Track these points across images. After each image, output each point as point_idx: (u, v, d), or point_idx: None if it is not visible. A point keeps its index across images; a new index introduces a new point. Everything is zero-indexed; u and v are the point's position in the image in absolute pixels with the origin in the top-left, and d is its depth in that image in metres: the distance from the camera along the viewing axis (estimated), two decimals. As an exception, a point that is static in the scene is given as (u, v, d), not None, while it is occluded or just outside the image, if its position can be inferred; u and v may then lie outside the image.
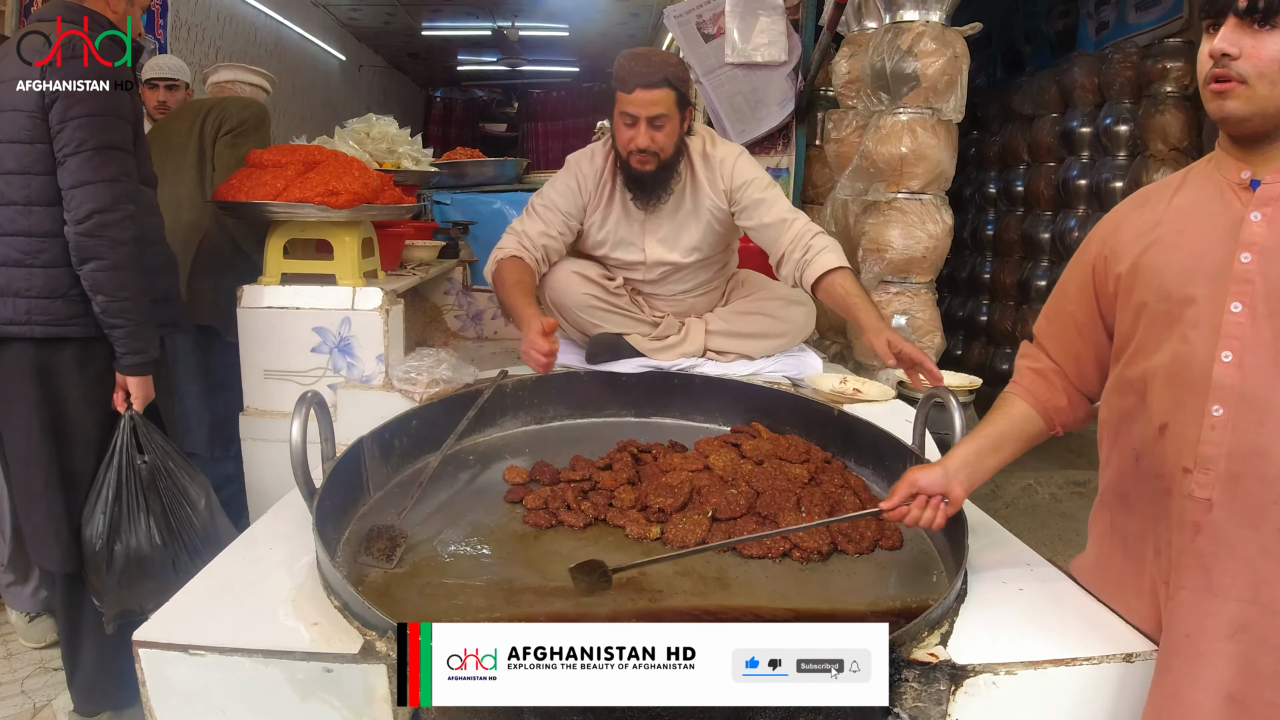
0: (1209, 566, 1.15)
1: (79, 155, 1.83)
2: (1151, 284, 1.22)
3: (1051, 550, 3.60)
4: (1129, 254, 1.27)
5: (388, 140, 2.80)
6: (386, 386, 2.19)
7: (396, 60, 9.90)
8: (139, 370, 1.94)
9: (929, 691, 1.16)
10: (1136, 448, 1.27)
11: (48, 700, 2.42)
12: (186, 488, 2.01)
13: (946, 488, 1.40)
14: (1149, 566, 1.26)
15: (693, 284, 2.56)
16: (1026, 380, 1.47)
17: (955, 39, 2.75)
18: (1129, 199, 1.36)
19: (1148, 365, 1.23)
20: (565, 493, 1.73)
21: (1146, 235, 1.26)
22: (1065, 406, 1.44)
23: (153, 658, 1.17)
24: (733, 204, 2.36)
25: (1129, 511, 1.31)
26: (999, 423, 1.46)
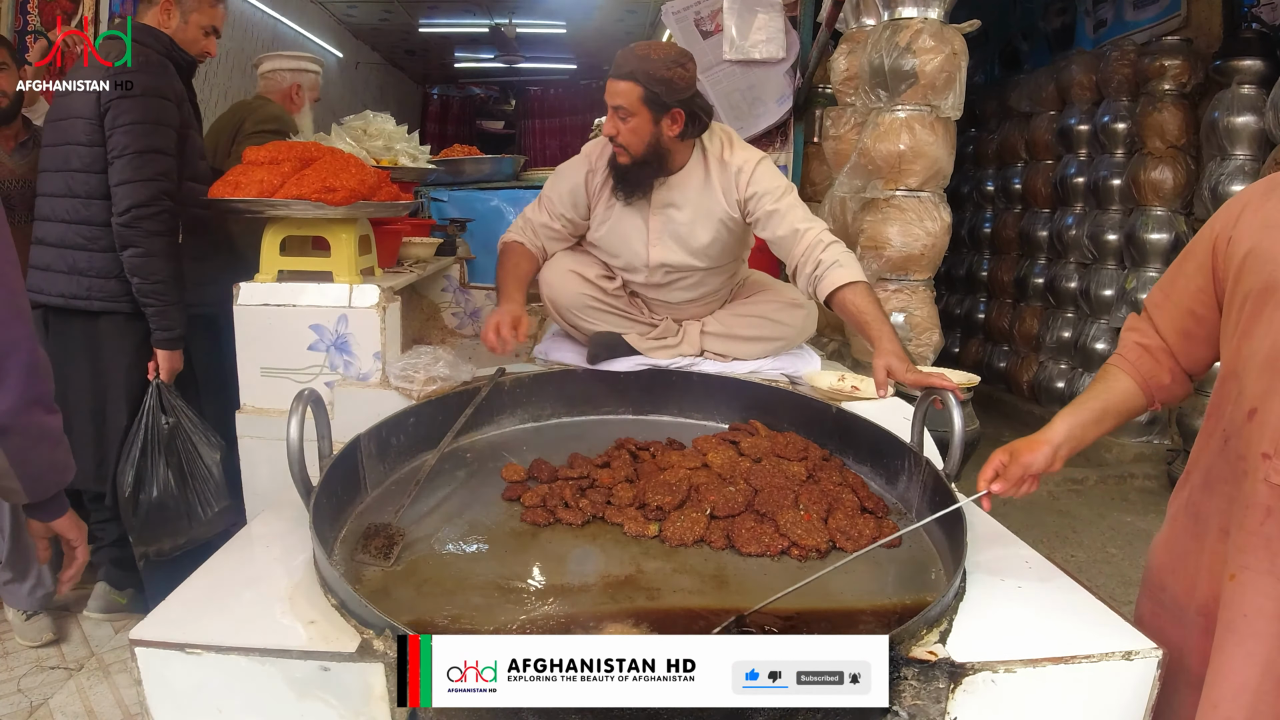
0: (1275, 550, 1.16)
1: (123, 158, 2.18)
2: (1262, 270, 1.22)
3: (1049, 548, 3.61)
4: (1247, 239, 1.26)
5: (385, 137, 2.79)
6: (384, 384, 2.18)
7: (393, 57, 9.87)
8: (167, 345, 2.32)
9: (928, 690, 1.16)
10: (1226, 429, 1.27)
11: (44, 699, 2.42)
12: (200, 447, 2.35)
13: (1052, 464, 1.41)
14: (1213, 544, 1.28)
15: (699, 292, 2.45)
16: (1133, 354, 1.45)
17: (954, 36, 2.75)
18: (1256, 184, 1.34)
19: (1247, 349, 1.23)
20: (563, 490, 1.73)
21: (1267, 221, 1.25)
22: (1168, 384, 1.43)
23: (149, 657, 1.17)
24: (746, 214, 2.27)
25: (1208, 490, 1.31)
26: (1102, 395, 1.45)
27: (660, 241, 2.33)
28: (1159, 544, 1.45)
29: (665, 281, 2.41)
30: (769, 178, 2.25)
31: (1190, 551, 1.33)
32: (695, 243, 2.32)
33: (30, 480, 1.32)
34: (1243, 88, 4.00)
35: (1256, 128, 3.94)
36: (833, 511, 1.66)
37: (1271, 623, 1.15)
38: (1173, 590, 1.37)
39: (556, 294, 2.42)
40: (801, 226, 2.19)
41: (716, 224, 2.30)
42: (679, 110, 2.15)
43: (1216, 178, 4.05)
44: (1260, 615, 1.16)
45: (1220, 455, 1.29)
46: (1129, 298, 4.59)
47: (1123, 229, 4.73)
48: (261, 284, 2.19)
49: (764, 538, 1.58)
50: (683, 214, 2.30)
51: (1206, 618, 1.27)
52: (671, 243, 2.33)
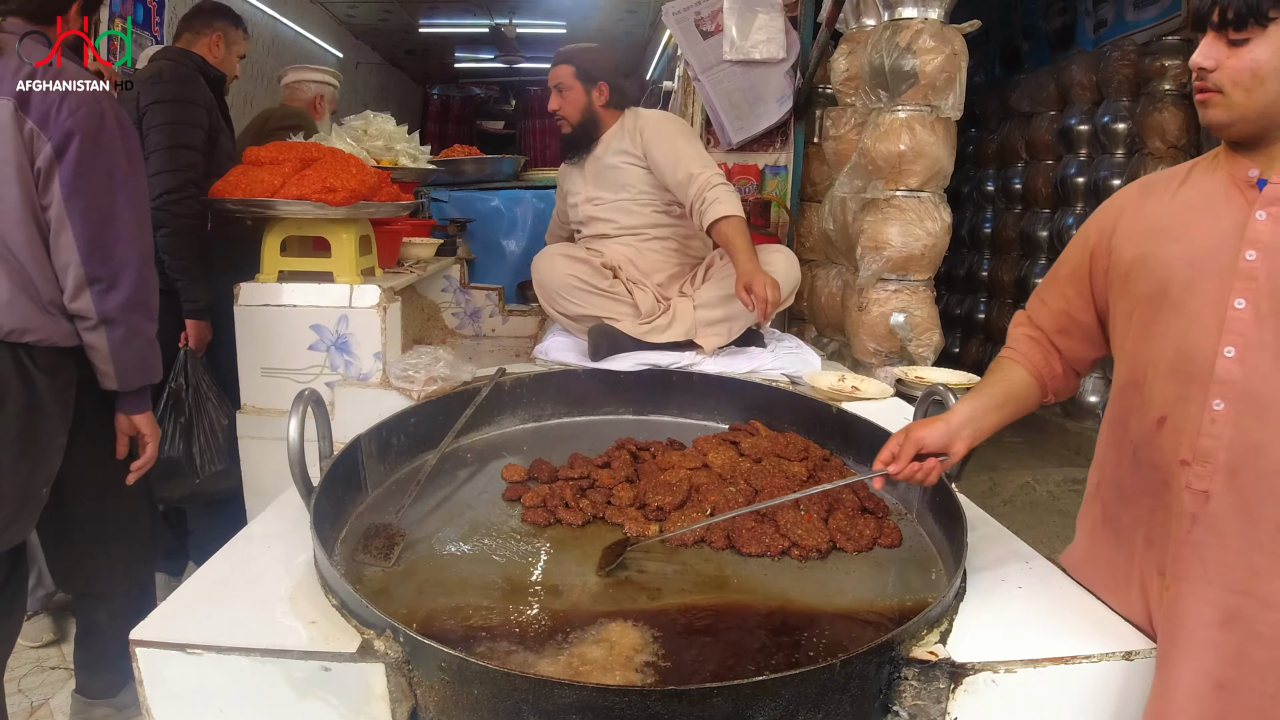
0: (1205, 557, 1.16)
1: (157, 153, 2.42)
2: (1153, 275, 1.23)
3: (1050, 548, 3.59)
4: (1131, 244, 1.28)
5: (385, 137, 2.79)
6: (384, 384, 2.18)
7: (393, 57, 9.87)
8: (195, 315, 2.50)
9: (928, 690, 1.16)
10: (1134, 440, 1.27)
11: (45, 699, 2.42)
12: (212, 411, 2.44)
13: (949, 445, 1.40)
14: (1139, 557, 1.28)
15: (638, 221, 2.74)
16: (1023, 346, 1.48)
17: (954, 36, 2.74)
18: (1131, 186, 1.36)
19: (1146, 357, 1.24)
20: (563, 490, 1.73)
21: (1148, 225, 1.27)
22: (1060, 374, 1.46)
23: (150, 656, 1.17)
24: (649, 164, 2.67)
25: (1124, 503, 1.31)
26: (999, 383, 1.46)
27: (591, 179, 2.80)
28: (1077, 559, 1.44)
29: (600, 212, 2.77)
30: (661, 128, 2.68)
31: (1118, 564, 1.33)
32: (612, 174, 2.75)
33: (122, 370, 1.77)
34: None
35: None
36: (833, 512, 1.66)
37: (1210, 631, 1.14)
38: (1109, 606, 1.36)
39: (544, 276, 2.60)
40: (695, 170, 2.53)
41: (627, 158, 2.72)
42: (604, 83, 2.74)
43: (1217, 178, 4.04)
44: (1201, 624, 1.15)
45: (1132, 467, 1.29)
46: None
47: (1123, 229, 4.72)
48: (262, 284, 2.19)
49: (764, 538, 1.58)
50: (606, 156, 2.76)
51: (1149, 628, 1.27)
52: (596, 179, 2.79)
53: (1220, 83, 1.14)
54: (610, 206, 2.75)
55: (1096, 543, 1.39)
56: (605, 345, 2.41)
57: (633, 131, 2.71)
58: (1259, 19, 1.10)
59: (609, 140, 2.77)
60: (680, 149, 2.60)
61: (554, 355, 2.52)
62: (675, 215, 2.76)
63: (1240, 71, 1.12)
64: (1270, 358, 1.12)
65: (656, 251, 2.75)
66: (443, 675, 1.09)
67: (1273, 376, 1.12)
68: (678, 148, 2.61)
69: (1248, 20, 1.10)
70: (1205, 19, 1.15)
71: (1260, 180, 1.17)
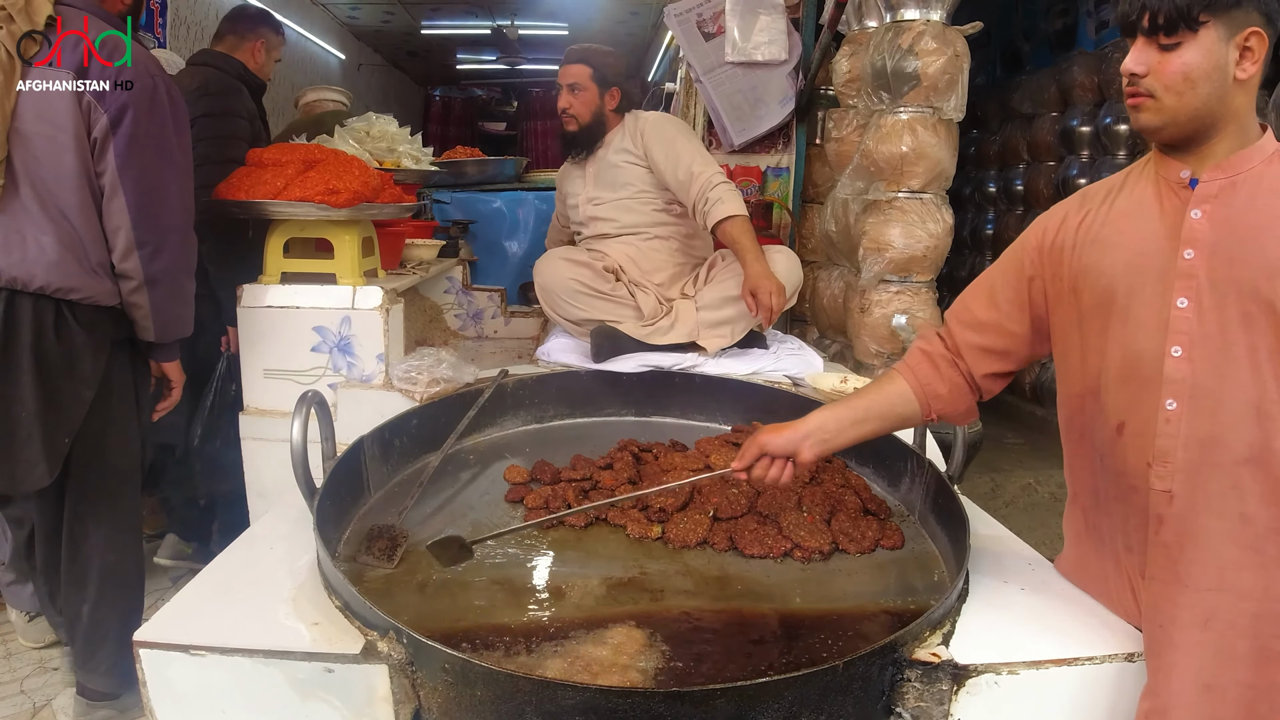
0: (1175, 557, 1.18)
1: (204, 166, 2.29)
2: (1097, 285, 1.25)
3: (1051, 549, 3.58)
4: (1069, 255, 1.29)
5: (387, 139, 2.80)
6: (387, 386, 2.19)
7: (395, 59, 9.87)
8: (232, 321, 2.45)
9: (931, 691, 1.16)
10: (1099, 448, 1.29)
11: (47, 700, 2.42)
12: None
13: (795, 450, 1.40)
14: (1123, 562, 1.29)
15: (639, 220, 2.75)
16: (913, 360, 1.47)
17: (956, 38, 2.74)
18: (1066, 201, 1.37)
19: (1099, 365, 1.26)
20: (566, 492, 1.73)
21: (1087, 236, 1.28)
22: (945, 395, 1.43)
23: (153, 658, 1.17)
24: (650, 164, 2.68)
25: (1100, 510, 1.33)
26: (871, 395, 1.46)
27: (592, 179, 2.81)
28: (1068, 566, 1.45)
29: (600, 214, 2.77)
30: (662, 130, 2.70)
31: (1107, 570, 1.34)
32: (614, 173, 2.76)
33: (161, 325, 1.95)
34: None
35: (1258, 129, 3.93)
36: (835, 513, 1.66)
37: (1192, 632, 1.15)
38: None
39: (546, 280, 2.58)
40: (696, 170, 2.56)
41: (629, 157, 2.73)
42: (617, 88, 2.76)
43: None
44: (1174, 625, 1.16)
45: (1102, 474, 1.30)
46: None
47: (1125, 230, 4.72)
48: (265, 286, 2.20)
49: (767, 539, 1.58)
50: (608, 156, 2.77)
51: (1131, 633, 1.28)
52: (597, 179, 2.80)
53: (1152, 87, 1.16)
54: (611, 205, 2.76)
55: (1084, 550, 1.40)
56: (608, 347, 2.41)
57: (634, 133, 2.73)
58: (1189, 23, 1.11)
59: (611, 141, 2.78)
60: (680, 149, 2.63)
61: (556, 357, 2.52)
62: (676, 214, 2.77)
63: (1172, 75, 1.14)
64: (1215, 352, 1.14)
65: (658, 251, 2.75)
66: (446, 676, 1.09)
67: (1220, 370, 1.14)
68: (678, 148, 2.63)
69: (1178, 25, 1.12)
70: (1135, 25, 1.16)
71: (1192, 180, 1.19)
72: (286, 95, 6.05)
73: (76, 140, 1.79)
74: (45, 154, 1.80)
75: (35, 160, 1.80)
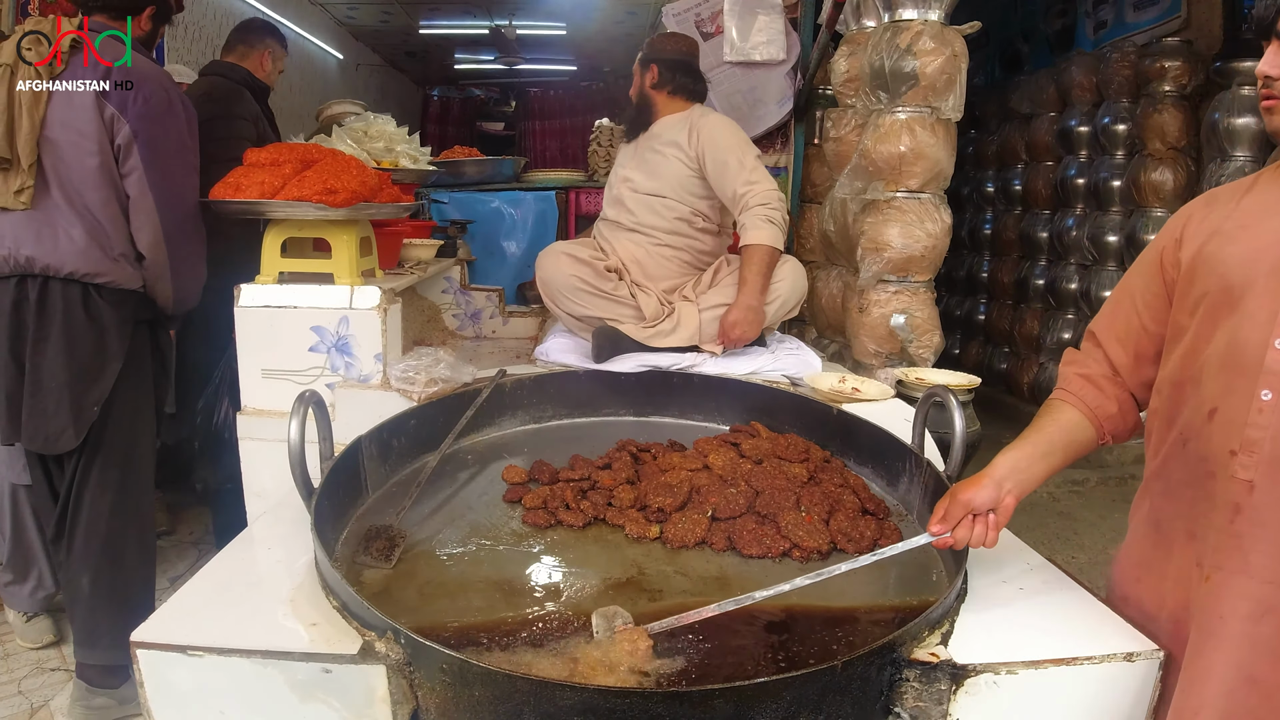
0: (1246, 548, 1.17)
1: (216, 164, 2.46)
2: (1213, 274, 1.24)
3: (1050, 549, 3.60)
4: (1193, 246, 1.28)
5: (385, 138, 2.79)
6: (384, 386, 2.18)
7: (394, 59, 9.86)
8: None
9: (930, 691, 1.16)
10: (1184, 432, 1.27)
11: (45, 701, 2.42)
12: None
13: (998, 501, 1.34)
14: (1179, 550, 1.28)
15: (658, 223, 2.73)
16: (1075, 386, 1.43)
17: (954, 37, 2.74)
18: (1197, 199, 1.36)
19: (1203, 352, 1.24)
20: (564, 492, 1.73)
21: (1211, 228, 1.27)
22: (1116, 414, 1.41)
23: (151, 659, 1.17)
24: (700, 166, 2.68)
25: (1169, 496, 1.31)
26: (1047, 428, 1.41)
27: (633, 158, 2.83)
28: (1122, 556, 1.44)
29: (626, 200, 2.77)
30: (720, 135, 2.66)
31: (1155, 560, 1.33)
32: (656, 159, 2.74)
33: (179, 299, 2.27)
34: (1243, 89, 4.00)
35: (1257, 129, 3.93)
36: (834, 513, 1.66)
37: (1247, 624, 1.15)
38: (1139, 601, 1.36)
39: (548, 275, 2.60)
40: (741, 190, 2.57)
41: (677, 151, 2.70)
42: (655, 65, 2.79)
43: (1217, 179, 4.04)
44: (1235, 616, 1.16)
45: (1179, 459, 1.29)
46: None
47: (1123, 230, 4.72)
48: (262, 286, 2.19)
49: (765, 539, 1.58)
50: (655, 142, 2.77)
51: (1177, 624, 1.27)
52: (638, 160, 2.80)
53: None
54: (639, 198, 2.76)
55: (1138, 538, 1.39)
56: (609, 347, 2.41)
57: (690, 130, 2.71)
58: None
59: (664, 127, 2.79)
60: (730, 161, 2.61)
61: (554, 356, 2.52)
62: (698, 227, 2.76)
63: None
64: None
65: (667, 259, 2.75)
66: (444, 677, 1.09)
67: None
68: (730, 158, 2.62)
69: None
70: (1270, 28, 1.15)
71: None
72: (285, 96, 6.08)
73: (100, 146, 2.10)
74: (72, 158, 2.10)
75: (63, 164, 2.10)
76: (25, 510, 2.66)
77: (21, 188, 2.12)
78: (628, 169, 2.82)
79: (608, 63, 9.28)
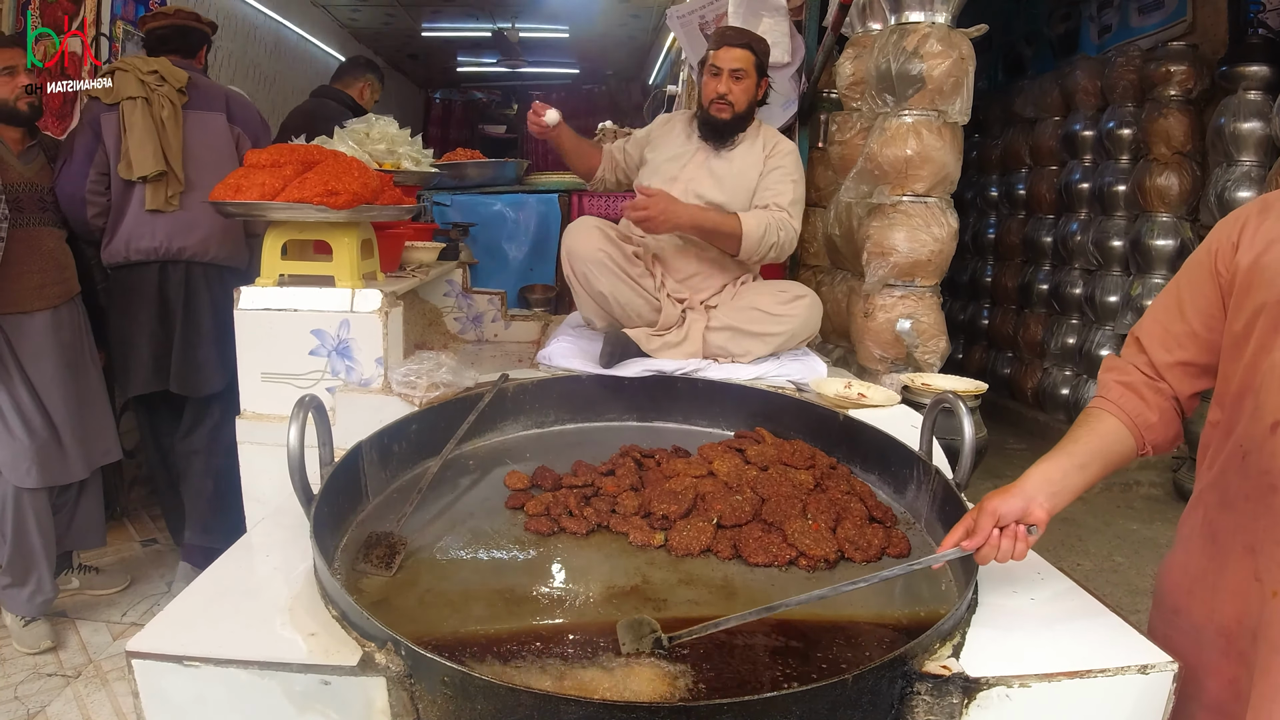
0: None
1: None
2: (1274, 284, 1.20)
3: (1055, 556, 3.57)
4: (1250, 251, 1.25)
5: (387, 140, 2.77)
6: (385, 390, 2.16)
7: (396, 61, 9.86)
8: None
9: (941, 705, 1.14)
10: (1245, 445, 1.24)
11: (41, 707, 2.40)
12: None
13: (1026, 511, 1.30)
14: (1235, 563, 1.24)
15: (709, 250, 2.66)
16: (1115, 394, 1.39)
17: (961, 40, 2.73)
18: (1249, 204, 1.33)
19: (1264, 365, 1.21)
20: (567, 499, 1.70)
21: (1268, 236, 1.24)
22: (1156, 423, 1.36)
23: (146, 669, 1.14)
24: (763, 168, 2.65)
25: (1226, 509, 1.28)
26: (1084, 439, 1.36)
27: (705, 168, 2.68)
28: (1171, 566, 1.41)
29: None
30: (789, 158, 2.66)
31: (1208, 572, 1.30)
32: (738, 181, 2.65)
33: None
34: (1249, 93, 3.99)
35: (1263, 134, 3.92)
36: (841, 521, 1.64)
37: None
38: (1189, 612, 1.33)
39: (576, 244, 2.51)
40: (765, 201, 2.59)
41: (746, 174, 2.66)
42: (765, 79, 2.69)
43: (1222, 184, 4.03)
44: None
45: (1239, 472, 1.25)
46: (1134, 304, 4.57)
47: (1128, 235, 4.71)
48: (262, 288, 2.17)
49: (771, 547, 1.55)
50: (728, 157, 2.68)
51: (1228, 639, 1.24)
52: (713, 172, 2.67)
53: None
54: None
55: (1190, 549, 1.35)
56: (618, 353, 2.39)
57: (764, 144, 2.67)
58: None
59: (742, 143, 2.70)
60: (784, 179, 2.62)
61: (557, 361, 2.50)
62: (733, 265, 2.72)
63: None
64: None
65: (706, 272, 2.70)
66: (445, 690, 1.06)
67: None
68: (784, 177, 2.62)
69: None
70: None
71: None
72: (287, 97, 6.07)
73: (230, 156, 2.91)
74: (208, 165, 2.85)
75: (202, 172, 2.84)
76: (28, 514, 2.66)
77: (173, 194, 2.83)
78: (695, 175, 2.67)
79: (610, 66, 9.28)
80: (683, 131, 2.78)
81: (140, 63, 2.83)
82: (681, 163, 2.70)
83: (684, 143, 2.75)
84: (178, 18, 3.10)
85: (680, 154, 2.72)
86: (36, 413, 2.67)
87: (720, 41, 2.62)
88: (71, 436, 2.74)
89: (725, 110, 2.62)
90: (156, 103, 2.80)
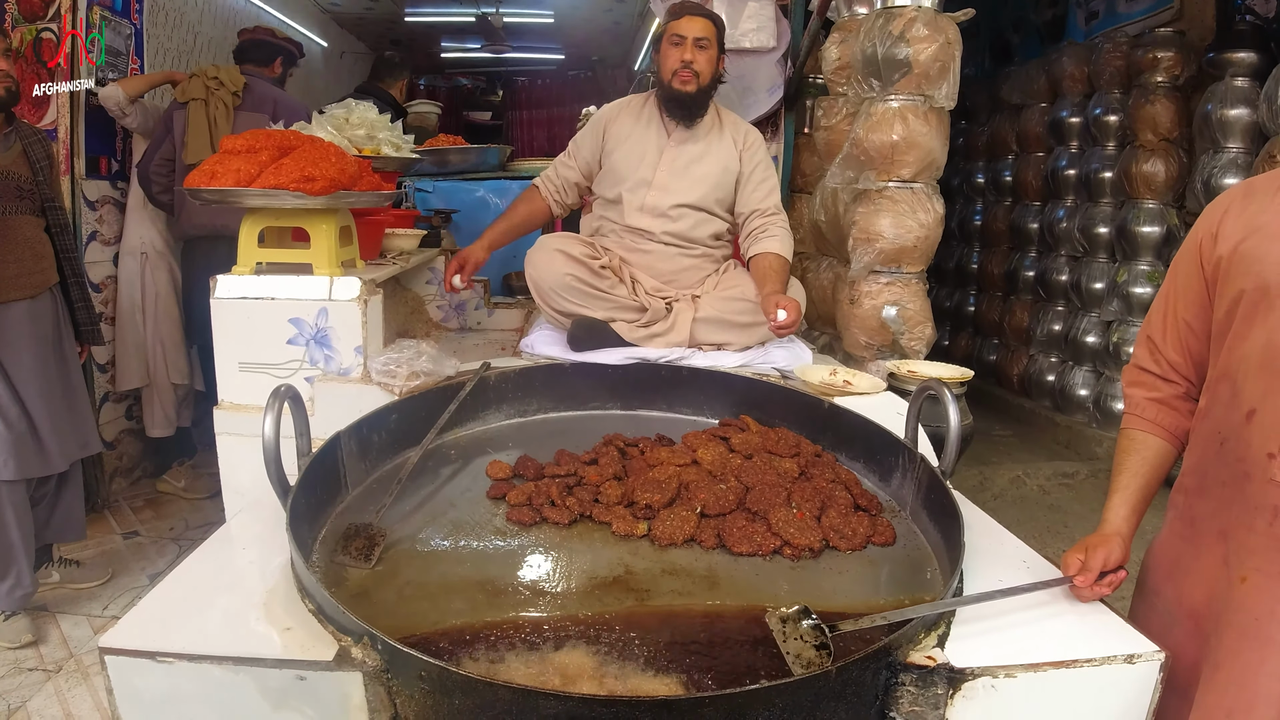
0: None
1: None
2: (1250, 272, 1.21)
3: (1041, 543, 3.59)
4: (1230, 240, 1.26)
5: (367, 125, 2.72)
6: (365, 379, 2.13)
7: (379, 47, 9.72)
8: None
9: (926, 695, 1.13)
10: (1222, 432, 1.26)
11: (22, 702, 2.37)
12: None
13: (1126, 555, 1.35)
14: (1208, 548, 1.26)
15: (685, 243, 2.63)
16: (1151, 413, 1.42)
17: (948, 25, 2.70)
18: (1233, 189, 1.34)
19: (1241, 352, 1.22)
20: (550, 488, 1.68)
21: (1250, 224, 1.24)
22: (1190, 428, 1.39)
23: (119, 665, 1.12)
24: (740, 165, 2.62)
25: (1203, 494, 1.30)
26: (1140, 473, 1.41)
27: (669, 164, 2.60)
28: (1156, 548, 1.43)
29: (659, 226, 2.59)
30: (763, 145, 2.68)
31: (1184, 555, 1.32)
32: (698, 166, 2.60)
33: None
34: (1236, 80, 3.98)
35: (1249, 120, 3.91)
36: (826, 510, 1.63)
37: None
38: (1166, 595, 1.35)
39: (540, 273, 2.49)
40: (762, 206, 2.60)
41: (721, 167, 2.61)
42: (723, 56, 2.62)
43: (1209, 171, 4.03)
44: (1273, 619, 1.14)
45: (1217, 458, 1.27)
46: (1120, 291, 4.58)
47: (1114, 222, 4.71)
48: (239, 276, 2.13)
49: (756, 537, 1.54)
50: (697, 148, 2.61)
51: (1195, 621, 1.26)
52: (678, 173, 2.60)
53: None
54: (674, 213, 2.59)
55: (1172, 533, 1.38)
56: (586, 338, 2.37)
57: (736, 133, 2.64)
58: None
59: (706, 129, 2.63)
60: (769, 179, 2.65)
61: (540, 349, 2.47)
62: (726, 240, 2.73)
63: None
64: None
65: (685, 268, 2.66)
66: (423, 685, 1.05)
67: None
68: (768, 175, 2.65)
69: None
70: None
71: None
72: (267, 83, 5.98)
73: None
74: None
75: None
76: (5, 506, 2.62)
77: None
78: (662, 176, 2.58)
79: (595, 51, 9.19)
80: (641, 119, 2.67)
81: (209, 70, 3.52)
82: (650, 163, 2.60)
83: (644, 132, 2.64)
84: (257, 34, 3.82)
85: (645, 150, 2.62)
86: (13, 404, 2.62)
87: (682, 10, 2.55)
88: (49, 428, 2.70)
89: (690, 81, 2.51)
90: (213, 104, 3.40)
